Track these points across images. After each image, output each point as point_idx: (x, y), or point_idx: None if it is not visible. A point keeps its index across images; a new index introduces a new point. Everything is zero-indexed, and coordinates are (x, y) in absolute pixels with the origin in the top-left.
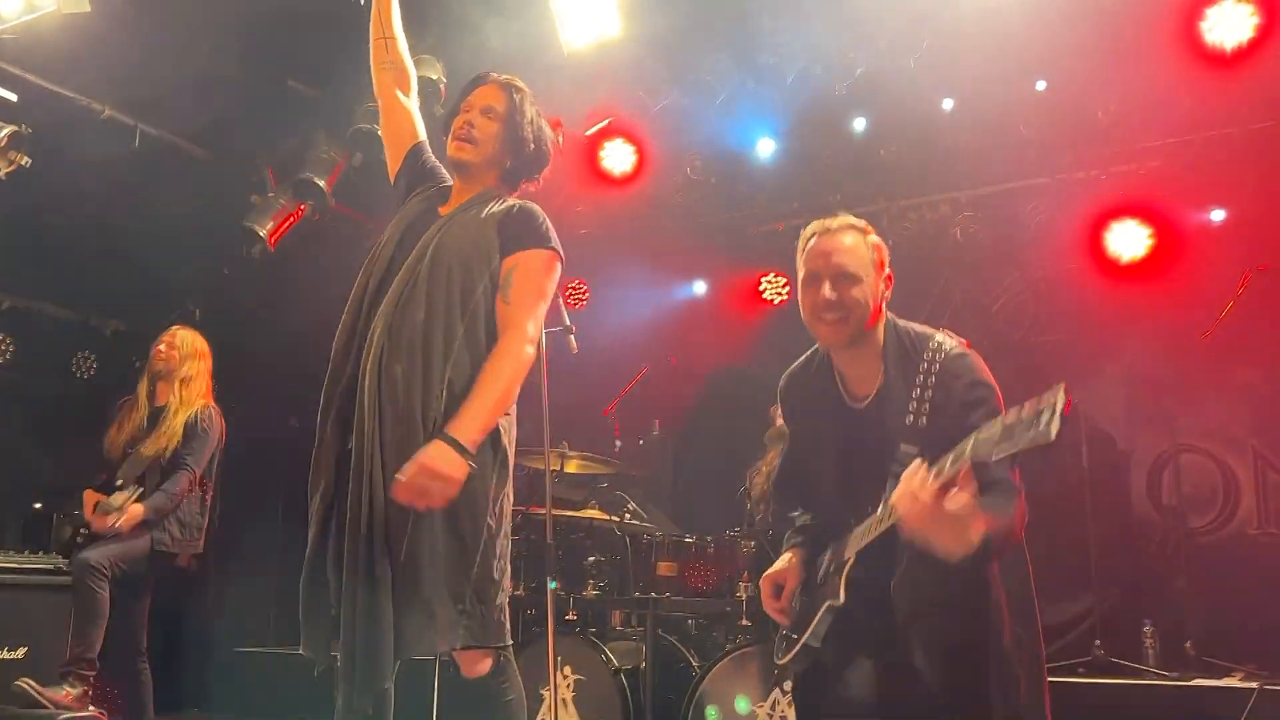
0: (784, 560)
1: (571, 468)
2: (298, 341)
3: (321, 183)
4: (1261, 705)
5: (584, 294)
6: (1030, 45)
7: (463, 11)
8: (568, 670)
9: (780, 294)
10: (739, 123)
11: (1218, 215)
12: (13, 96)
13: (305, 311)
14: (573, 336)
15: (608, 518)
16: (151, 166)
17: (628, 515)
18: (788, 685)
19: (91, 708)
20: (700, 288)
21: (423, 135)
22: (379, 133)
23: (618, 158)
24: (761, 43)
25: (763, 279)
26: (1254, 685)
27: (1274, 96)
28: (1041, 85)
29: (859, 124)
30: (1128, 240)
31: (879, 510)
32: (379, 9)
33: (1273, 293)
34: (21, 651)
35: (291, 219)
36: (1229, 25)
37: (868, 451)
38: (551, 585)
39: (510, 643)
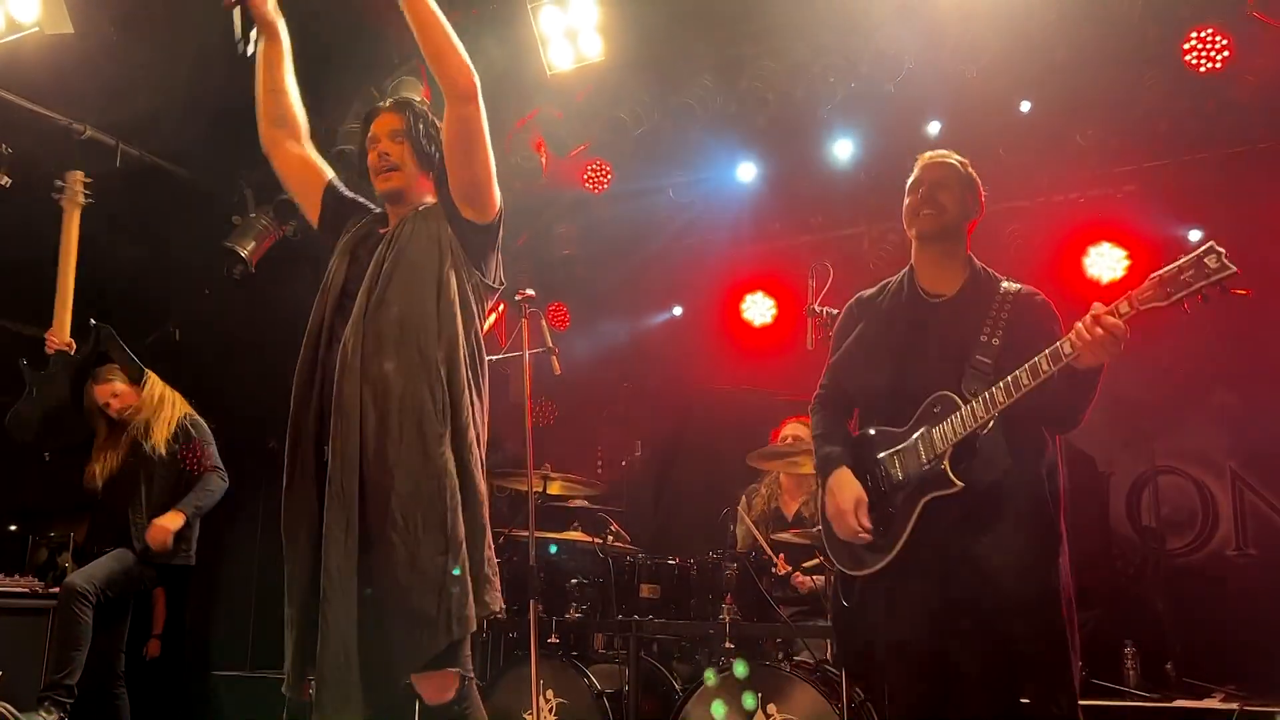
0: (844, 476)
1: (555, 489)
2: (278, 363)
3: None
4: None
5: (566, 316)
6: (1010, 70)
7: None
8: (550, 694)
9: (763, 316)
10: (721, 146)
11: (1194, 237)
12: None
13: (286, 332)
14: (555, 358)
15: (590, 539)
16: (132, 187)
17: (610, 537)
18: (771, 708)
19: None
20: (682, 310)
21: (330, 174)
22: (351, 155)
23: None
24: (743, 66)
25: (746, 298)
26: (1234, 706)
27: (1248, 120)
28: (1026, 106)
29: (840, 147)
30: (1105, 263)
31: (976, 404)
32: (268, 61)
33: (1250, 316)
34: None
35: (273, 239)
36: (1204, 51)
37: (940, 340)
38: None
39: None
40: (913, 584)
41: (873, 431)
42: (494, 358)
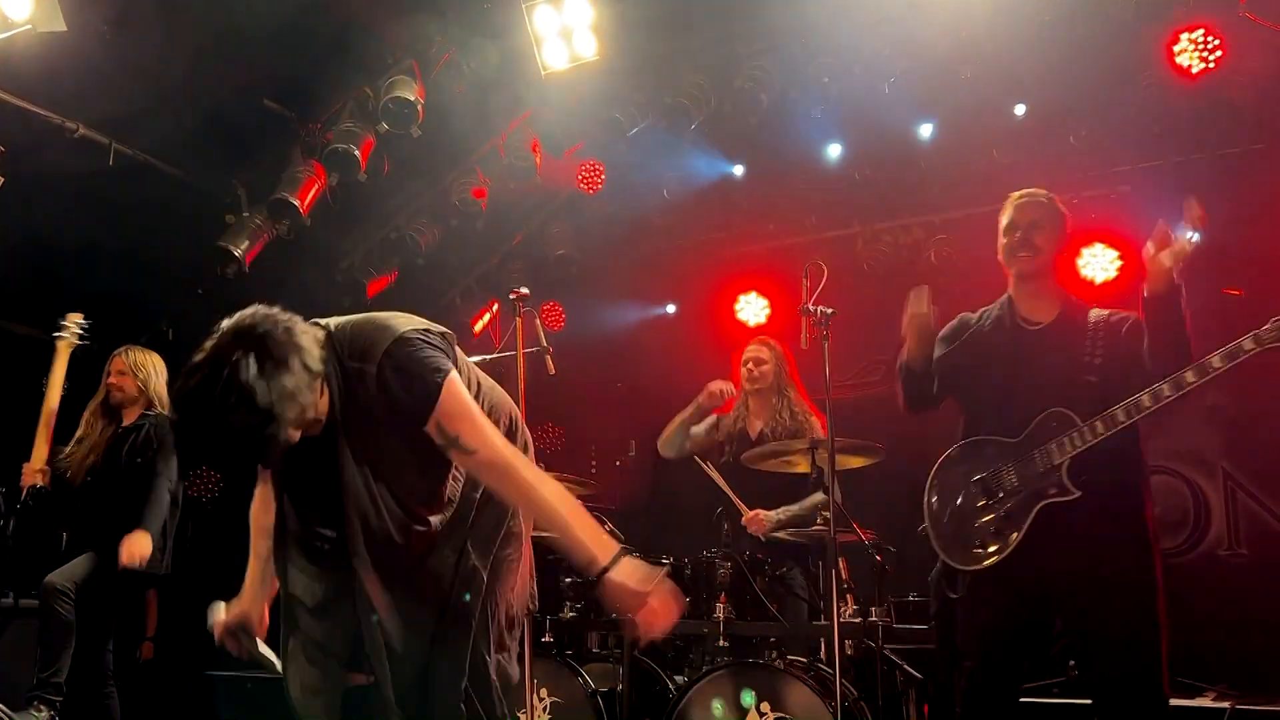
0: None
1: None
2: None
3: (296, 202)
4: None
5: (560, 315)
6: (1004, 71)
7: (441, 31)
8: (544, 693)
9: (757, 315)
10: (715, 145)
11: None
12: None
13: None
14: (549, 357)
15: None
16: (125, 185)
17: None
18: (765, 707)
19: None
20: (675, 309)
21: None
22: (355, 153)
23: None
24: (737, 67)
25: (740, 298)
26: (1226, 705)
27: (1242, 121)
28: (1020, 110)
29: (834, 148)
30: (1099, 264)
31: (1098, 423)
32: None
33: (1241, 316)
34: None
35: (266, 239)
36: (1196, 52)
37: (1044, 364)
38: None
39: None
40: (1023, 579)
41: (985, 440)
42: (488, 357)
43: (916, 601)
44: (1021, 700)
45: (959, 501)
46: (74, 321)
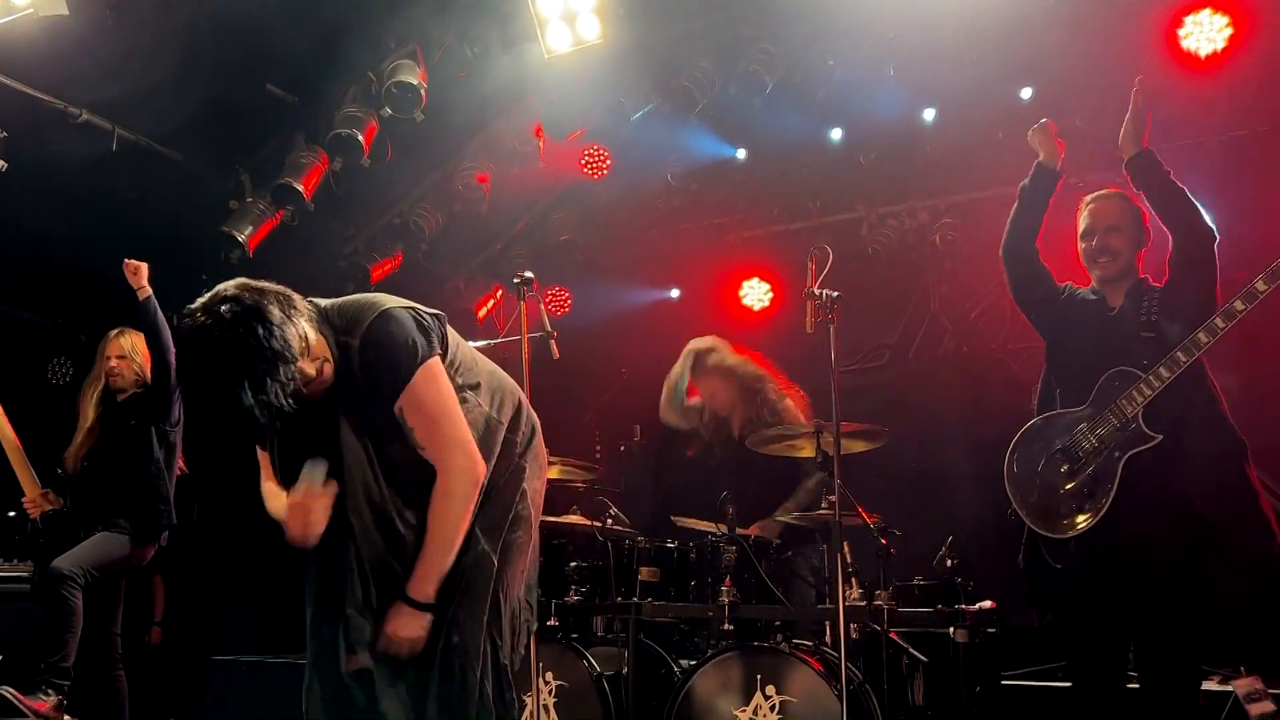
0: None
1: (553, 473)
2: None
3: (300, 188)
4: (1239, 708)
5: (565, 300)
6: (1009, 54)
7: (444, 15)
8: (549, 676)
9: (761, 300)
10: (719, 129)
11: None
12: None
13: None
14: (554, 342)
15: (589, 523)
16: (128, 171)
17: (609, 520)
18: (770, 690)
19: (67, 717)
20: (679, 294)
21: None
22: (358, 138)
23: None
24: (741, 50)
25: (744, 284)
26: (1231, 688)
27: (1250, 104)
28: (1027, 93)
29: (838, 131)
30: None
31: (1161, 368)
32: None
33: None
34: None
35: (270, 225)
36: (1204, 34)
37: (1120, 337)
38: None
39: None
40: (1127, 533)
41: (1055, 414)
42: (493, 341)
43: (921, 585)
44: (1030, 684)
45: (1042, 473)
46: None
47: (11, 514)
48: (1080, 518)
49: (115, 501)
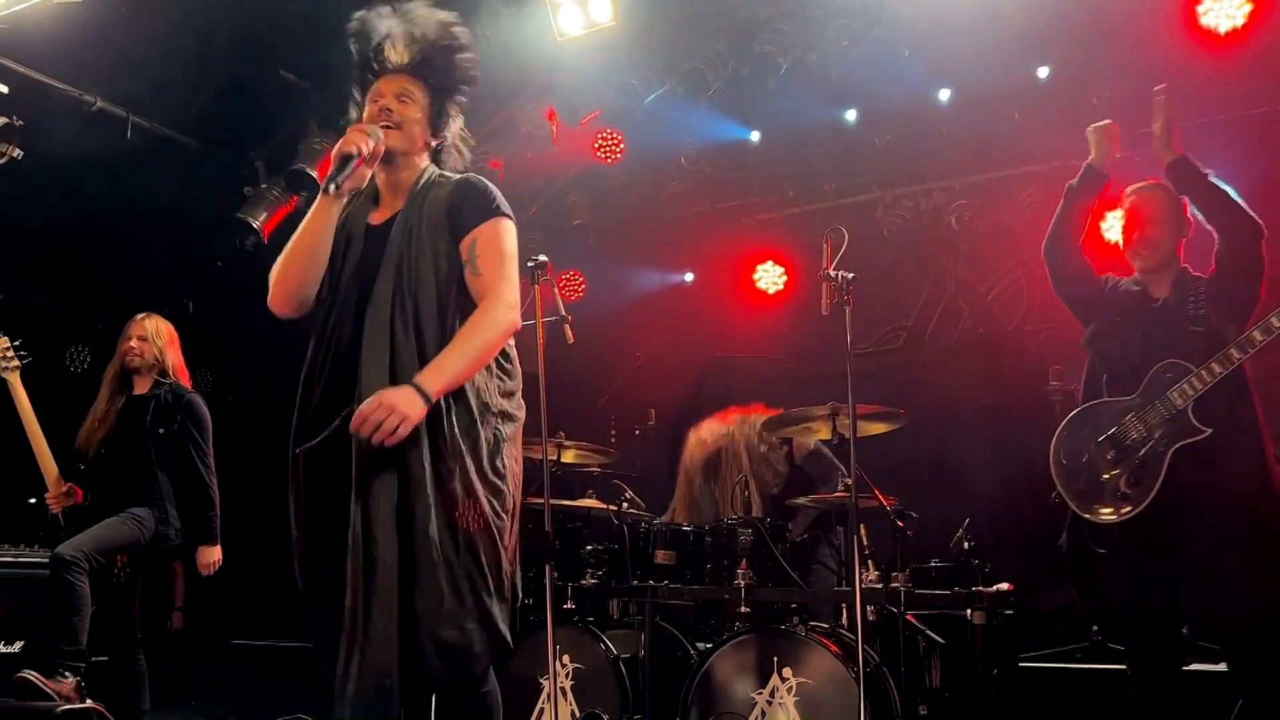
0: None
1: (569, 457)
2: (292, 333)
3: (314, 174)
4: None
5: (579, 284)
6: (1025, 32)
7: None
8: (566, 659)
9: (775, 284)
10: (733, 111)
11: None
12: (3, 88)
13: None
14: (569, 326)
15: (605, 506)
16: (143, 159)
17: (625, 504)
18: (787, 672)
19: (89, 700)
20: (693, 277)
21: None
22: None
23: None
24: (755, 31)
25: (758, 268)
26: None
27: (1271, 82)
28: (1044, 72)
29: (853, 112)
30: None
31: (1214, 364)
32: (326, 224)
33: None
34: (18, 645)
35: (285, 210)
36: (1224, 10)
37: (1164, 331)
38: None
39: None
40: (1173, 522)
41: (1102, 401)
42: None
43: (938, 567)
44: (1048, 666)
45: (1088, 460)
46: (2, 347)
47: (32, 500)
48: (1126, 505)
49: (128, 493)
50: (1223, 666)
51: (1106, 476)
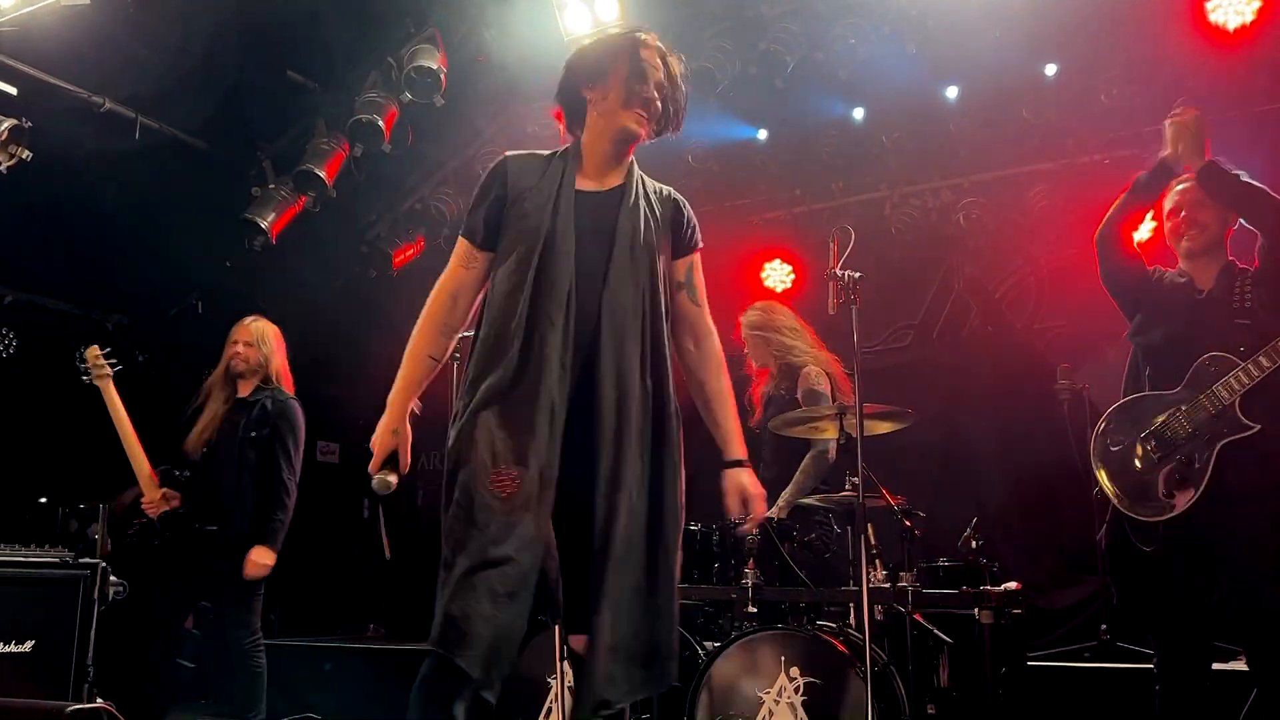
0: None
1: None
2: (300, 333)
3: (322, 174)
4: None
5: None
6: (1033, 30)
7: (462, 0)
8: None
9: (783, 282)
10: (740, 109)
11: None
12: (12, 90)
13: (308, 303)
14: None
15: None
16: (152, 159)
17: None
18: (795, 672)
19: (100, 700)
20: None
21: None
22: (379, 124)
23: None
24: (762, 29)
25: (765, 266)
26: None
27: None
28: (1052, 70)
29: (860, 110)
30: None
31: (1262, 357)
32: None
33: None
34: (29, 645)
35: (293, 211)
36: (1233, 7)
37: (1213, 321)
38: None
39: None
40: (1220, 521)
41: (1144, 395)
42: None
43: (946, 566)
44: (1056, 665)
45: (1132, 455)
46: (93, 355)
47: (42, 500)
48: (1172, 502)
49: (229, 500)
50: (1233, 666)
51: (1151, 473)
